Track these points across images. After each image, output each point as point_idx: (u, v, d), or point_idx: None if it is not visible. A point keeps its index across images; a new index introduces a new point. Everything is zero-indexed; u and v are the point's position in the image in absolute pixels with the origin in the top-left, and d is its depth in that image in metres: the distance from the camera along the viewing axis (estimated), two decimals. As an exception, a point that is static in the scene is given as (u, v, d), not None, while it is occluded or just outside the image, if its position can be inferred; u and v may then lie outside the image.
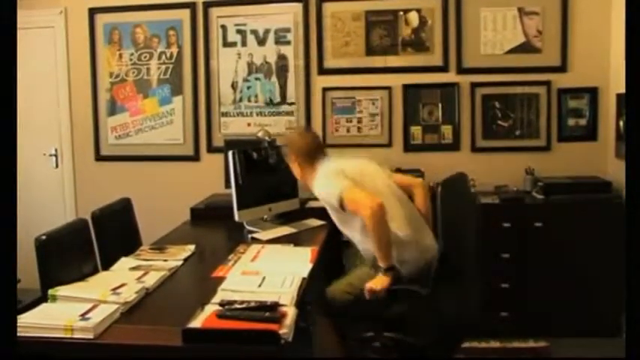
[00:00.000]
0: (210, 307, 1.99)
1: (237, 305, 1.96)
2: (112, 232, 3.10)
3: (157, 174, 4.39)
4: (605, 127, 3.95)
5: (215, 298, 2.10)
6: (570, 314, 3.57)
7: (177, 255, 2.75)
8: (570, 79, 3.97)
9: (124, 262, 2.63)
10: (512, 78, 4.02)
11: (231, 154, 3.27)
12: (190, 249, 2.85)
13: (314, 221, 3.39)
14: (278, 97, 4.26)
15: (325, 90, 4.19)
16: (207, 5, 4.26)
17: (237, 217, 3.24)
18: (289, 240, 3.04)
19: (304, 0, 4.15)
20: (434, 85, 4.09)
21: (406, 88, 4.11)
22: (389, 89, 4.13)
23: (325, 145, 3.23)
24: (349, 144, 4.11)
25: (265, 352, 1.76)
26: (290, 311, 1.96)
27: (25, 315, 1.94)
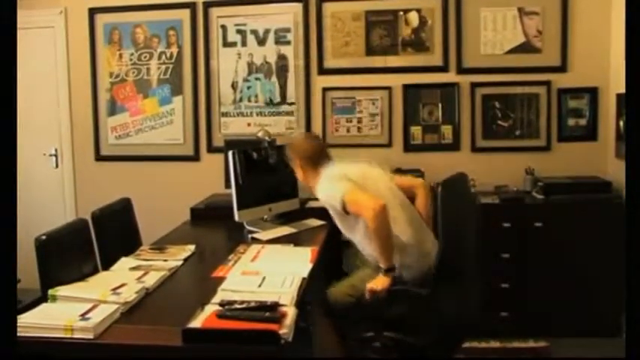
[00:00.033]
0: (210, 307, 1.99)
1: (237, 305, 1.96)
2: (112, 232, 3.10)
3: (157, 174, 4.39)
4: (605, 127, 3.95)
5: (215, 298, 2.10)
6: (570, 314, 3.57)
7: (177, 255, 2.75)
8: (570, 79, 3.97)
9: (124, 262, 2.63)
10: (512, 78, 4.01)
11: (231, 154, 3.27)
12: (190, 249, 2.85)
13: (314, 221, 3.39)
14: (278, 97, 4.26)
15: (325, 90, 4.19)
16: (207, 5, 4.26)
17: (237, 217, 3.24)
18: (289, 240, 3.04)
19: (304, 0, 4.15)
20: (434, 85, 4.09)
21: (406, 88, 4.11)
22: (389, 89, 4.13)
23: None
24: (349, 144, 4.11)
25: (265, 352, 1.76)
26: (290, 311, 1.96)
27: (25, 315, 1.94)
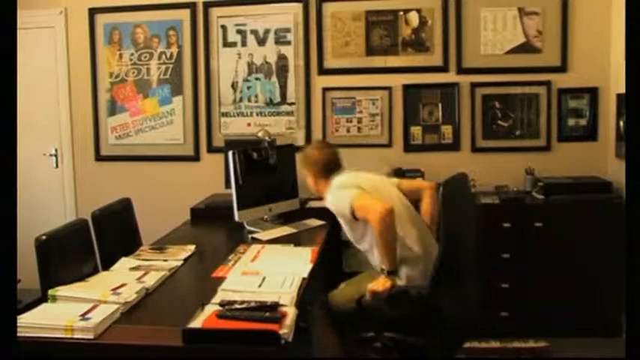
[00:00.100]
0: (211, 308, 2.00)
1: (238, 305, 1.96)
2: (112, 232, 3.10)
3: (157, 174, 4.39)
4: (605, 127, 3.95)
5: (215, 298, 2.10)
6: (570, 314, 3.57)
7: (177, 255, 2.75)
8: (570, 79, 3.97)
9: (124, 262, 2.63)
10: (512, 78, 4.01)
11: (232, 154, 3.27)
12: (190, 249, 2.85)
13: (314, 221, 3.39)
14: (278, 97, 4.26)
15: (325, 90, 4.18)
16: (207, 5, 4.26)
17: (237, 217, 3.24)
18: (289, 240, 3.04)
19: (304, 0, 4.15)
20: (434, 85, 4.09)
21: (406, 88, 4.10)
22: (389, 89, 4.12)
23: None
24: (349, 144, 4.09)
25: (265, 352, 1.76)
26: (290, 311, 1.96)
27: (25, 315, 1.95)
